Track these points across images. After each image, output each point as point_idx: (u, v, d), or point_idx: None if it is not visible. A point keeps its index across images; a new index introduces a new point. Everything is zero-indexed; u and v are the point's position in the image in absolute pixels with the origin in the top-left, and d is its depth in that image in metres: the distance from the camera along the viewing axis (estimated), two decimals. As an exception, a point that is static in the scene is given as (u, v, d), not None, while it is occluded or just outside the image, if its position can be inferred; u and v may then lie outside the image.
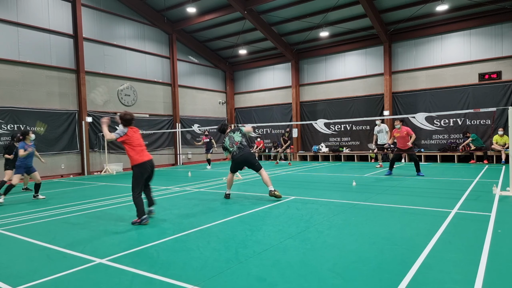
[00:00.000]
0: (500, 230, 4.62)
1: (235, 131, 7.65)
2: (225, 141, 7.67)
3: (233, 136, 7.59)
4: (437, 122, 16.28)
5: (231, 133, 7.65)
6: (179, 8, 17.33)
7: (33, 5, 13.58)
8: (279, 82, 20.95)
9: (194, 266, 3.67)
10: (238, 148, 7.49)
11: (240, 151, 7.46)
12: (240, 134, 7.60)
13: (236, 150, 7.49)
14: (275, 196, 7.25)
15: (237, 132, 7.63)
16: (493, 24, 14.80)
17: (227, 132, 7.74)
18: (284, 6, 16.32)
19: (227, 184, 7.81)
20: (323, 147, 18.98)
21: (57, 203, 7.84)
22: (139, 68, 17.51)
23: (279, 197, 7.27)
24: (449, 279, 3.15)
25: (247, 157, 7.47)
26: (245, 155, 7.44)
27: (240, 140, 7.55)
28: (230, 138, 7.58)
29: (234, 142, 7.53)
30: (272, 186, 7.34)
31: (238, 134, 7.60)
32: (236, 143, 7.50)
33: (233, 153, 7.52)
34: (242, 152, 7.45)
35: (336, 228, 4.97)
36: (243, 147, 7.50)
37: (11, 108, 12.82)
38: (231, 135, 7.61)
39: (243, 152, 7.45)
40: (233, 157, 7.55)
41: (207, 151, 16.85)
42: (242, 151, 7.46)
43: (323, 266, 3.56)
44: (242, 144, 7.53)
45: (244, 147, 7.52)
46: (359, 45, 18.01)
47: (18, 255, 4.28)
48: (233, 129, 7.75)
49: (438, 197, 7.12)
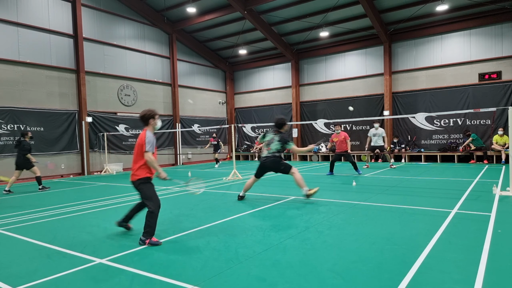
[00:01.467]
0: (500, 230, 4.62)
1: (281, 139, 7.10)
2: (266, 136, 7.27)
3: (275, 140, 7.11)
4: (437, 122, 16.28)
5: (277, 136, 7.14)
6: (179, 8, 17.33)
7: (33, 5, 13.57)
8: (279, 82, 20.95)
9: (194, 266, 3.67)
10: (267, 154, 7.13)
11: (267, 158, 7.10)
12: (280, 145, 7.08)
13: (265, 154, 7.17)
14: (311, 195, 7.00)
15: (280, 142, 7.09)
16: (493, 24, 14.80)
17: (277, 131, 7.20)
18: (284, 6, 16.32)
19: (245, 187, 7.45)
20: (323, 147, 18.97)
21: (57, 203, 7.84)
22: (139, 68, 17.51)
23: (316, 190, 7.08)
24: (449, 279, 3.15)
25: (269, 164, 7.08)
26: (267, 163, 7.08)
27: (276, 149, 7.09)
28: (271, 140, 7.14)
29: (267, 146, 7.16)
30: (306, 188, 7.01)
31: (279, 143, 7.08)
32: (269, 148, 7.14)
33: (261, 156, 7.31)
34: (267, 159, 7.09)
35: (336, 228, 4.97)
36: (271, 156, 7.08)
37: (11, 108, 12.82)
38: (275, 137, 7.12)
39: (268, 159, 7.08)
40: (260, 161, 7.29)
41: (214, 151, 17.34)
42: (268, 158, 7.09)
43: (323, 266, 3.56)
44: (274, 153, 7.08)
45: (273, 156, 7.08)
46: (359, 45, 18.01)
47: (18, 255, 4.28)
48: (281, 135, 7.17)
49: (438, 197, 7.12)
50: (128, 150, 16.83)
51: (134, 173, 4.74)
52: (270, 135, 7.21)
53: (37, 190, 10.22)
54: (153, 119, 4.81)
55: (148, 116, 4.78)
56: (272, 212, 6.18)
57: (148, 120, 4.79)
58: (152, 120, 4.80)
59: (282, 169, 7.05)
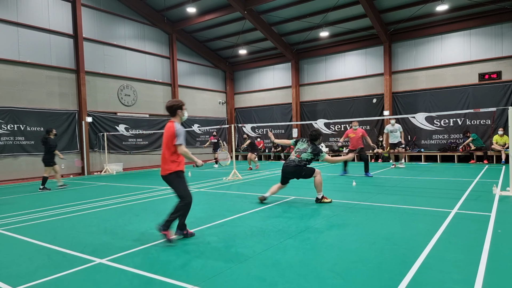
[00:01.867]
0: (500, 230, 4.62)
1: (313, 151, 6.87)
2: (300, 143, 7.09)
3: (307, 150, 6.89)
4: (437, 122, 16.28)
5: (310, 147, 6.91)
6: (179, 8, 17.33)
7: (33, 5, 13.57)
8: (279, 82, 20.95)
9: (194, 266, 3.67)
10: (294, 159, 6.91)
11: (291, 162, 6.90)
12: (311, 156, 6.87)
13: (292, 158, 6.96)
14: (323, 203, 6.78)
15: (312, 153, 6.88)
16: (493, 24, 14.80)
17: (311, 142, 7.01)
18: (284, 6, 16.32)
19: (270, 189, 7.14)
20: (323, 147, 18.97)
21: (57, 203, 7.84)
22: (139, 68, 17.51)
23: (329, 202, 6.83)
24: (449, 279, 3.15)
25: (291, 170, 6.85)
26: (290, 168, 6.86)
27: (305, 159, 6.85)
28: (304, 150, 6.93)
29: (297, 153, 6.96)
30: (321, 193, 6.86)
31: (310, 155, 6.88)
32: (298, 156, 6.91)
33: (287, 160, 7.13)
34: (290, 164, 6.88)
35: (336, 228, 4.97)
36: (297, 162, 6.85)
37: (11, 108, 12.82)
38: (308, 148, 6.91)
39: (291, 164, 6.86)
40: (283, 164, 7.07)
41: (214, 151, 17.28)
42: (292, 163, 6.87)
43: (323, 266, 3.56)
44: (299, 160, 6.85)
45: (299, 163, 6.84)
46: (359, 45, 18.02)
47: (18, 255, 4.28)
48: (315, 147, 6.94)
49: (438, 197, 7.12)
50: (128, 150, 16.83)
51: (165, 166, 4.54)
52: (304, 144, 7.02)
53: (37, 190, 10.20)
54: (181, 110, 4.68)
55: (177, 106, 4.64)
56: (272, 212, 6.18)
57: (176, 110, 4.65)
58: (180, 111, 4.68)
59: (304, 174, 6.86)
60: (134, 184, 11.13)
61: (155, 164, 18.05)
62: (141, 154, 17.50)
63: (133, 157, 17.14)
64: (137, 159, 17.34)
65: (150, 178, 12.93)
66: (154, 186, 10.36)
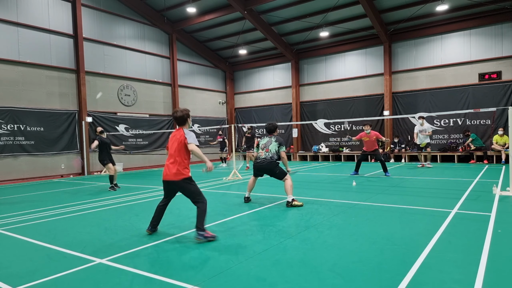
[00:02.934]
0: (500, 230, 4.62)
1: (277, 140, 7.03)
2: (260, 142, 7.21)
3: (272, 141, 7.02)
4: (437, 122, 16.28)
5: (273, 137, 7.08)
6: (179, 8, 17.33)
7: (33, 5, 13.57)
8: (279, 82, 20.95)
9: (194, 266, 3.67)
10: (265, 156, 6.95)
11: (264, 160, 6.92)
12: (278, 145, 6.96)
13: (261, 156, 7.01)
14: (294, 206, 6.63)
15: (277, 142, 6.99)
16: (493, 24, 14.80)
17: (272, 135, 7.18)
18: (284, 6, 16.32)
19: (248, 187, 7.33)
20: (323, 147, 18.98)
21: (57, 203, 7.84)
22: (139, 68, 17.51)
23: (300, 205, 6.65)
24: (449, 279, 3.15)
25: (266, 166, 6.90)
26: (265, 164, 6.90)
27: (274, 150, 6.93)
28: (268, 142, 7.05)
29: (265, 149, 7.02)
30: (291, 196, 6.71)
31: (276, 144, 6.97)
32: (267, 150, 6.96)
33: (257, 157, 7.12)
34: (264, 161, 6.91)
35: (336, 228, 4.97)
36: (269, 158, 6.88)
37: (11, 108, 12.82)
38: (272, 139, 7.06)
39: (265, 161, 6.90)
40: (254, 162, 7.17)
41: (221, 150, 17.34)
42: (265, 161, 6.91)
43: (323, 266, 3.56)
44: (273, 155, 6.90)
45: (271, 159, 6.88)
46: (359, 45, 18.02)
47: (18, 255, 4.28)
48: (277, 137, 7.12)
49: (438, 197, 7.12)
50: (128, 150, 16.83)
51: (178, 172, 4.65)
52: (266, 138, 7.18)
53: (37, 190, 10.20)
54: (189, 117, 4.95)
55: (187, 115, 4.88)
56: (272, 212, 6.18)
57: (186, 120, 4.88)
58: (189, 119, 4.94)
59: (277, 173, 6.90)
60: (134, 184, 11.13)
61: (155, 164, 18.05)
62: (141, 154, 17.50)
63: (133, 157, 17.13)
64: (137, 159, 17.34)
65: (150, 178, 12.93)
66: (154, 186, 10.36)
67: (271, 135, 7.16)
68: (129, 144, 17.02)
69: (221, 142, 17.27)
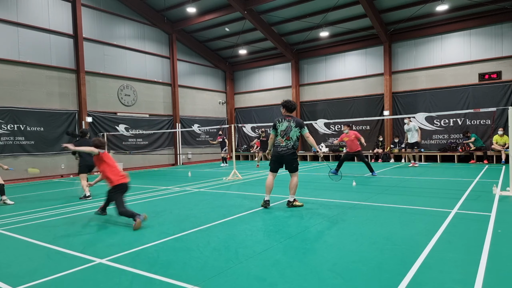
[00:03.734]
0: (500, 230, 4.62)
1: (297, 124, 6.38)
2: (280, 125, 6.43)
3: (292, 126, 6.35)
4: (437, 122, 16.28)
5: (292, 122, 6.38)
6: (179, 8, 17.33)
7: (33, 5, 13.57)
8: (279, 82, 20.95)
9: (194, 266, 3.67)
10: (286, 144, 6.35)
11: (285, 149, 6.36)
12: (299, 130, 6.37)
13: (282, 144, 6.39)
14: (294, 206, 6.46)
15: (297, 127, 6.37)
16: (493, 24, 14.80)
17: (289, 116, 6.47)
18: (284, 6, 16.32)
19: (267, 188, 6.54)
20: (323, 147, 18.98)
21: (57, 203, 7.84)
22: (139, 68, 17.51)
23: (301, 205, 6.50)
24: (449, 279, 3.15)
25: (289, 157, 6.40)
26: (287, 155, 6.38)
27: (296, 137, 6.40)
28: (288, 128, 6.36)
29: (286, 136, 6.37)
30: (294, 196, 6.50)
31: (297, 129, 6.36)
32: (288, 138, 6.35)
33: (277, 145, 6.44)
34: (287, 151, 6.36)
35: (336, 228, 4.97)
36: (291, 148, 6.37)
37: (11, 108, 12.82)
38: (291, 124, 6.37)
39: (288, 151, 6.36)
40: (275, 151, 6.47)
41: (221, 150, 17.45)
42: (288, 150, 6.35)
43: (323, 266, 3.56)
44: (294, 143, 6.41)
45: (293, 148, 6.40)
46: (359, 45, 18.02)
47: (18, 255, 4.28)
48: (296, 119, 6.44)
49: (438, 197, 7.12)
50: (128, 150, 16.83)
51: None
52: (285, 123, 6.38)
53: (36, 190, 10.19)
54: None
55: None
56: (272, 212, 6.18)
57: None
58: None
59: (295, 166, 6.40)
60: (134, 184, 11.13)
61: (155, 164, 18.05)
62: (141, 154, 17.49)
63: (133, 157, 17.13)
64: (137, 159, 17.34)
65: (150, 178, 12.93)
66: (154, 186, 10.37)
67: (289, 118, 6.42)
68: (129, 144, 17.02)
69: (221, 142, 17.33)
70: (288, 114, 6.51)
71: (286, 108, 6.51)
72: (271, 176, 6.57)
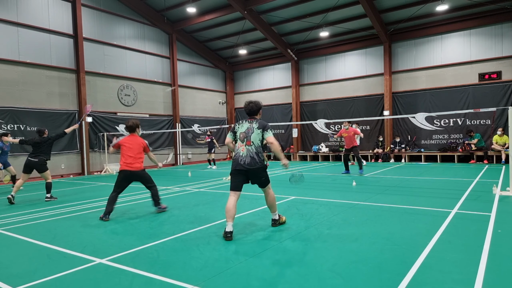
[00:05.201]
0: (500, 230, 4.62)
1: (258, 124, 4.99)
2: (240, 126, 5.04)
3: (253, 128, 4.96)
4: (437, 122, 16.28)
5: (254, 123, 5.00)
6: (179, 8, 17.33)
7: (33, 5, 13.57)
8: (279, 82, 20.95)
9: (194, 266, 3.67)
10: (248, 150, 4.90)
11: (248, 159, 4.87)
12: (261, 133, 4.95)
13: (241, 153, 4.92)
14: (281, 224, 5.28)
15: (260, 129, 4.94)
16: (493, 24, 14.80)
17: (252, 118, 5.10)
18: (284, 6, 16.32)
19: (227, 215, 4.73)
20: (323, 147, 18.98)
21: (57, 203, 7.84)
22: (139, 68, 17.51)
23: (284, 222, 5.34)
24: (449, 279, 3.15)
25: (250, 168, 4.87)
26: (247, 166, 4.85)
27: (258, 142, 4.96)
28: (249, 130, 4.95)
29: (246, 141, 4.93)
30: (277, 213, 5.29)
31: (259, 131, 4.94)
32: (249, 143, 4.91)
33: (235, 155, 5.01)
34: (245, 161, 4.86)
35: (336, 228, 4.97)
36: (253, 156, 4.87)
37: (11, 108, 12.82)
38: (253, 125, 4.98)
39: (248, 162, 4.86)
40: (234, 163, 4.99)
41: (209, 151, 16.80)
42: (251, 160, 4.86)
43: (323, 266, 3.56)
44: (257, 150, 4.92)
45: (257, 157, 4.89)
46: (359, 45, 18.02)
47: (18, 255, 4.28)
48: (260, 122, 5.03)
49: (438, 197, 7.12)
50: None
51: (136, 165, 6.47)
52: (246, 124, 5.04)
53: (36, 190, 10.18)
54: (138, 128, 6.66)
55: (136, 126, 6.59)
56: (272, 212, 6.17)
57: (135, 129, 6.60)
58: (138, 129, 6.65)
59: (263, 180, 5.03)
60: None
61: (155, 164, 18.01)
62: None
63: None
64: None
65: (150, 178, 12.91)
66: (154, 186, 10.34)
67: (251, 119, 5.08)
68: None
69: (209, 142, 16.38)
70: (252, 116, 5.16)
71: (247, 111, 5.20)
72: (234, 197, 4.85)
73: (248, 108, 5.20)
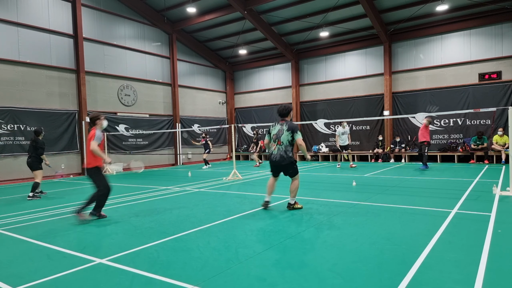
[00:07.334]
0: (500, 230, 4.62)
1: (289, 128, 6.13)
2: (274, 128, 6.30)
3: (283, 130, 6.15)
4: (437, 122, 16.28)
5: (284, 125, 6.18)
6: (179, 8, 17.33)
7: (33, 5, 13.57)
8: (279, 82, 20.94)
9: (194, 266, 3.67)
10: (278, 149, 6.16)
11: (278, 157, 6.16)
12: (291, 134, 6.11)
13: (274, 151, 6.22)
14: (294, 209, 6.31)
15: (289, 131, 6.11)
16: (493, 24, 14.80)
17: (283, 120, 6.28)
18: (284, 6, 16.32)
19: (268, 190, 6.44)
20: (323, 147, 18.98)
21: (57, 203, 7.84)
22: (139, 68, 17.50)
23: (300, 208, 6.36)
24: (449, 279, 3.15)
25: (280, 163, 6.20)
26: (277, 162, 6.19)
27: (287, 141, 6.15)
28: (280, 132, 6.18)
29: (277, 140, 6.19)
30: (294, 199, 6.35)
31: (289, 133, 6.11)
32: (279, 142, 6.15)
33: (271, 153, 6.30)
34: (280, 160, 6.15)
35: (336, 228, 4.97)
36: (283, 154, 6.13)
37: (11, 108, 12.82)
38: (283, 127, 6.17)
39: (280, 158, 6.14)
40: (270, 158, 6.36)
41: (204, 151, 17.17)
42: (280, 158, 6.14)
43: (323, 266, 3.56)
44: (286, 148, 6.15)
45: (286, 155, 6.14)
46: (359, 45, 18.01)
47: (18, 255, 4.28)
48: (289, 123, 6.20)
49: (438, 197, 7.12)
50: (128, 150, 16.84)
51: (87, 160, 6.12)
52: (277, 126, 6.23)
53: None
54: (99, 120, 6.06)
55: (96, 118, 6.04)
56: (272, 212, 6.18)
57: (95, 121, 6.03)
58: (98, 121, 6.05)
59: (291, 172, 6.26)
60: (134, 184, 11.13)
61: (155, 164, 18.05)
62: (141, 154, 17.49)
63: (133, 157, 17.13)
64: (137, 159, 17.32)
65: (150, 178, 12.93)
66: (154, 186, 10.36)
67: (282, 121, 6.23)
68: (129, 144, 17.03)
69: (205, 144, 16.93)
70: (283, 118, 6.32)
71: (279, 113, 6.36)
72: (273, 178, 6.49)
73: (279, 110, 6.34)
